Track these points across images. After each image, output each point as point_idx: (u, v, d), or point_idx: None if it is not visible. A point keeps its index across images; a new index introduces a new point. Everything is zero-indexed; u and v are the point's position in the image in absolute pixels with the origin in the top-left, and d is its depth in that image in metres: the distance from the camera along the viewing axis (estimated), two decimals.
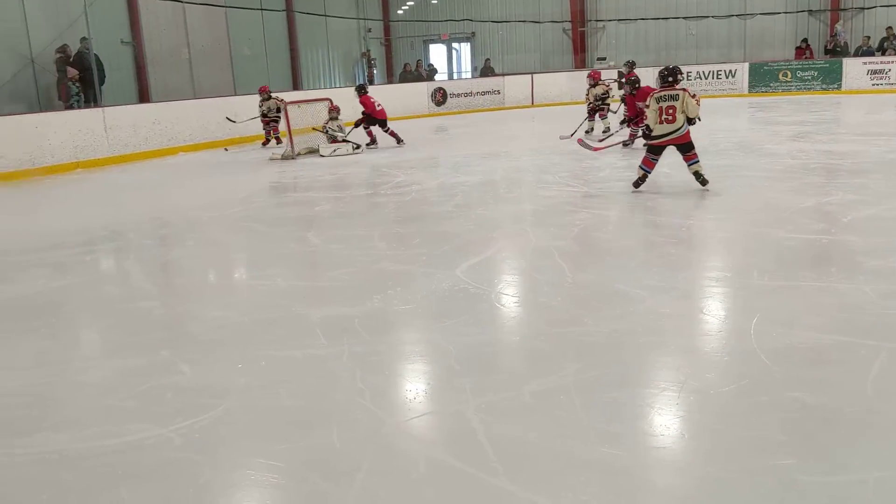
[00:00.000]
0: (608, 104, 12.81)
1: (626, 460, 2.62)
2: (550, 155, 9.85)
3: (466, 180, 9.05)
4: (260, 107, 13.61)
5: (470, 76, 23.66)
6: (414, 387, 3.42)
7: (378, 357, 3.71)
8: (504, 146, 12.26)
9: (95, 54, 13.51)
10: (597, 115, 12.82)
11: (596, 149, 8.40)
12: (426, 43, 25.00)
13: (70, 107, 13.00)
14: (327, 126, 12.40)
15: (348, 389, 3.30)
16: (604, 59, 22.86)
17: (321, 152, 12.08)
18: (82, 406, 3.31)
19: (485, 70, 22.25)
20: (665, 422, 2.91)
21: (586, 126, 12.67)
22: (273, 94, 13.72)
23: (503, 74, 21.64)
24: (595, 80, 12.80)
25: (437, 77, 22.51)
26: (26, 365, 3.79)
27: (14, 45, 13.07)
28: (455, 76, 24.33)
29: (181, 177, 10.91)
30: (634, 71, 11.89)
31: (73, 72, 13.17)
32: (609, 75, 20.34)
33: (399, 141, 12.82)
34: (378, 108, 12.52)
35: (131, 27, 15.67)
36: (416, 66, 22.26)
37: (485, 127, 15.13)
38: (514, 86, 20.80)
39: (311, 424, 2.99)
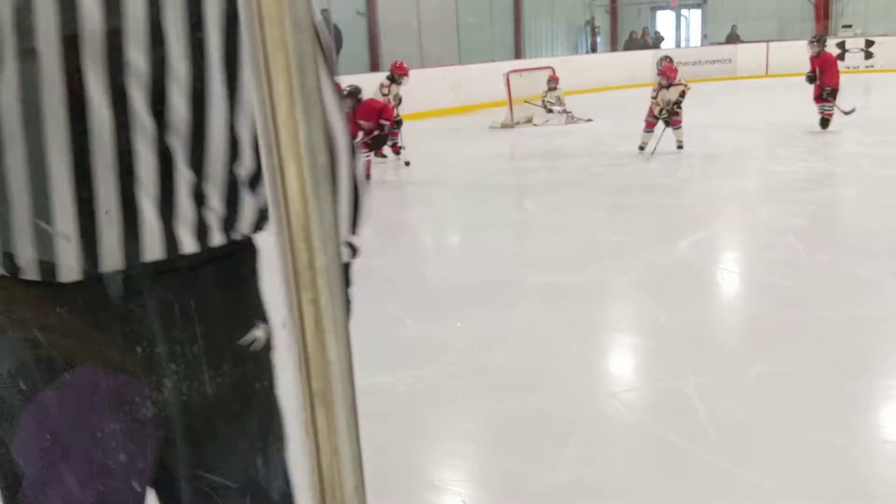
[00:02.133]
0: (680, 111, 8.57)
1: (859, 452, 2.45)
2: (785, 127, 9.19)
3: (692, 152, 8.68)
4: (384, 93, 9.40)
5: (699, 44, 22.55)
6: (630, 359, 3.39)
7: (594, 326, 3.70)
8: (734, 118, 11.61)
9: (335, 25, 14.36)
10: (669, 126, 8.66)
11: None
12: (653, 10, 24.09)
13: None
14: (545, 97, 12.41)
15: (563, 356, 3.33)
16: (849, 26, 20.79)
17: (534, 121, 12.20)
18: None
19: (731, 37, 21.09)
20: None
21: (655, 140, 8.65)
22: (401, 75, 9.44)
23: (735, 42, 20.42)
24: (669, 78, 8.52)
25: (662, 45, 21.69)
26: None
27: None
28: (683, 45, 23.31)
29: (407, 144, 11.38)
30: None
31: None
32: (856, 44, 18.53)
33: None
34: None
35: None
36: (643, 33, 21.56)
37: (713, 97, 14.41)
38: (748, 54, 19.55)
39: (527, 387, 3.04)
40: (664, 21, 24.09)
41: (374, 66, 16.39)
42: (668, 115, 8.30)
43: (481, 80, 14.08)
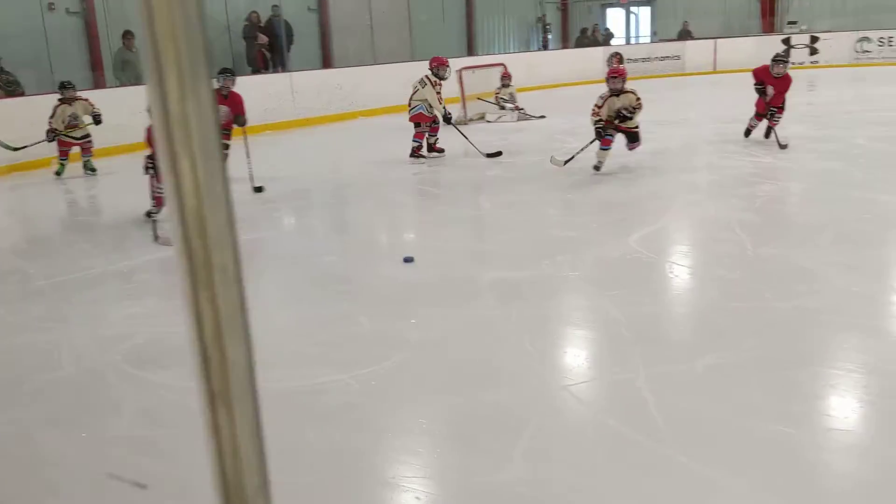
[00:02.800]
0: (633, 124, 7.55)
1: (804, 440, 2.52)
2: (733, 123, 9.34)
3: (642, 148, 8.78)
4: (437, 90, 9.05)
5: (648, 41, 22.85)
6: (582, 352, 3.42)
7: (546, 321, 3.72)
8: (683, 113, 11.79)
9: (286, 21, 14.21)
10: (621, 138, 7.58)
11: None
12: (604, 7, 24.33)
13: (256, 72, 13.74)
14: (498, 94, 12.47)
15: (516, 351, 3.35)
16: (794, 23, 21.20)
17: (487, 118, 12.26)
18: (270, 349, 3.55)
19: (682, 33, 21.40)
20: (848, 404, 2.76)
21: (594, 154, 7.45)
22: None
23: (687, 39, 20.73)
24: (623, 78, 7.47)
25: (612, 42, 21.92)
26: None
27: (211, 12, 13.98)
28: (633, 41, 23.59)
29: (361, 141, 11.33)
30: None
31: (263, 38, 13.92)
32: (801, 40, 18.91)
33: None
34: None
35: None
36: (593, 30, 21.76)
37: (662, 93, 14.61)
38: (696, 51, 19.86)
39: (480, 382, 3.06)
40: (614, 18, 24.34)
41: (326, 63, 16.25)
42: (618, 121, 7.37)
43: None
